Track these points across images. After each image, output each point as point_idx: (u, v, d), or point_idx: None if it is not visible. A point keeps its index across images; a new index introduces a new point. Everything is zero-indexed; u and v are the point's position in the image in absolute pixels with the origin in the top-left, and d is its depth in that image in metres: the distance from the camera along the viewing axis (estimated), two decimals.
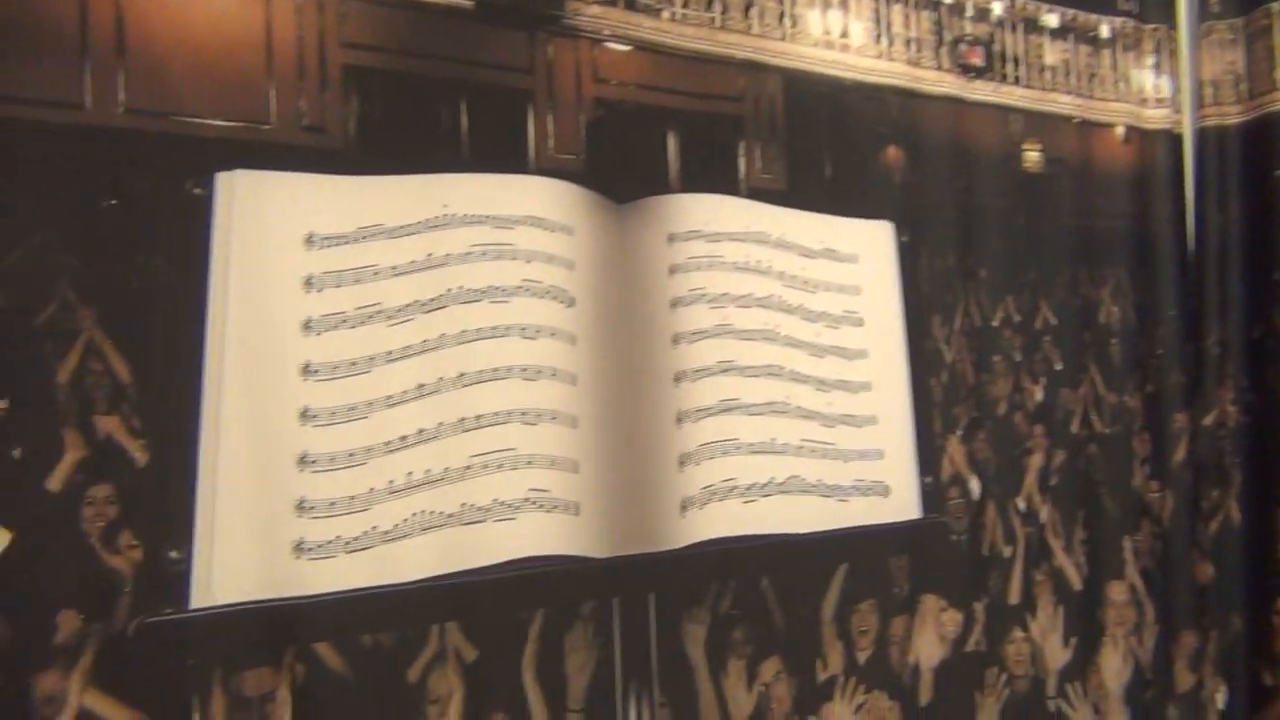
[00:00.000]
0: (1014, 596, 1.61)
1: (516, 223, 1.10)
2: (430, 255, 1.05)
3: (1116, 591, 1.79)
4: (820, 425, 1.29)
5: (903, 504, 1.36)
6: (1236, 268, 2.06)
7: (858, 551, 1.35)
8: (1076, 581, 1.72)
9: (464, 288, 1.05)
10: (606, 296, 1.16)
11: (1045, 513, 1.68)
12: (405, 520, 0.97)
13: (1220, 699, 1.98)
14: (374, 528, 0.95)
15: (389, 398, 0.99)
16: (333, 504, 0.94)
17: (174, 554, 0.89)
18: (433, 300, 1.04)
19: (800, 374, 1.28)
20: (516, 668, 1.08)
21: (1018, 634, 1.60)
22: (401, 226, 1.04)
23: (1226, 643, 2.00)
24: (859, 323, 1.37)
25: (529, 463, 1.03)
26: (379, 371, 1.00)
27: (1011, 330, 1.68)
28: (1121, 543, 1.81)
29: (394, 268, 1.03)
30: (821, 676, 1.33)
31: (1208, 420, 2.00)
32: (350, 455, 0.96)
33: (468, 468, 1.00)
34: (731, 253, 1.26)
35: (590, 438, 1.10)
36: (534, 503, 1.02)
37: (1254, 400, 2.03)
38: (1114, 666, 1.78)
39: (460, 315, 1.04)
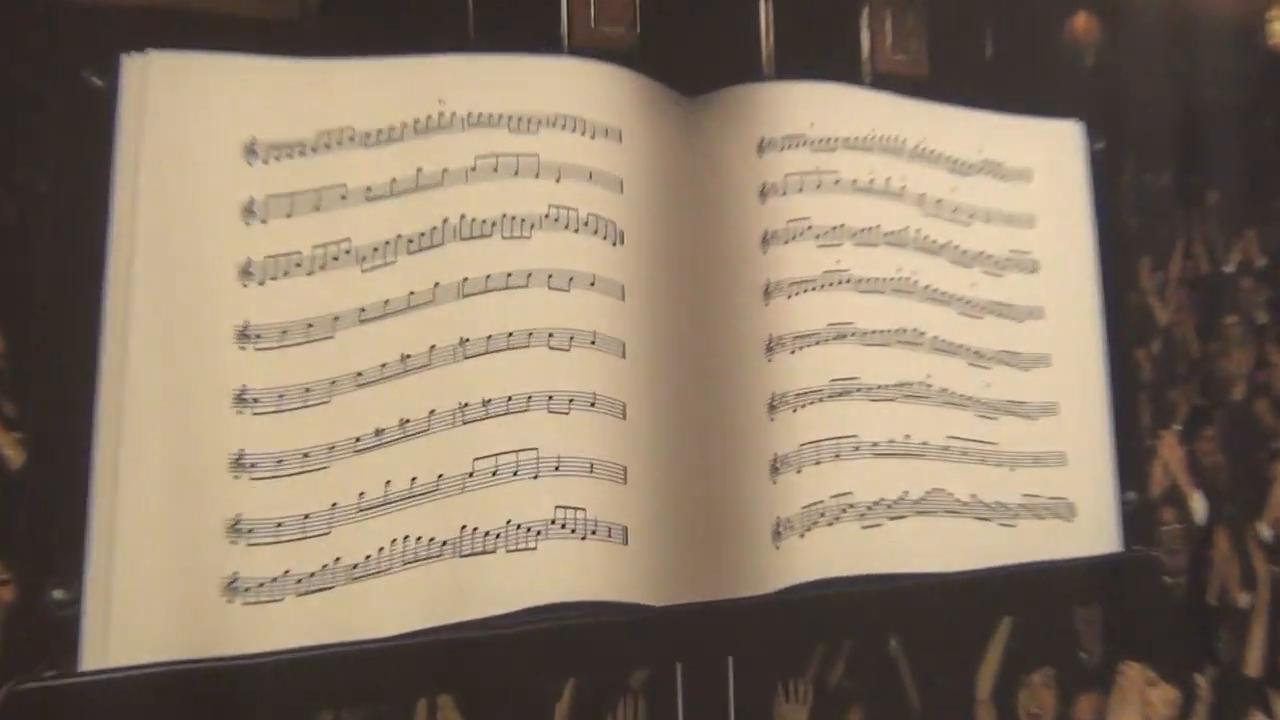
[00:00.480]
0: (1254, 666, 1.59)
1: (542, 124, 1.08)
2: (420, 172, 1.04)
3: None
4: (975, 416, 1.28)
5: (1093, 531, 1.34)
6: None
7: (1028, 599, 1.34)
8: None
9: (467, 218, 1.04)
10: (669, 230, 1.15)
11: None
12: (381, 550, 0.97)
13: None
14: (337, 560, 0.95)
15: (360, 375, 0.99)
16: (280, 525, 0.94)
17: (58, 594, 0.89)
18: (423, 236, 1.03)
19: (947, 342, 1.27)
20: None
21: (1259, 719, 1.59)
22: (379, 131, 1.03)
23: None
24: (1032, 268, 1.35)
25: (556, 469, 1.02)
26: (346, 337, 0.99)
27: (1253, 280, 1.65)
28: None
29: (368, 189, 1.02)
30: None
31: None
32: (305, 456, 0.96)
33: (470, 475, 1.00)
34: (850, 166, 1.25)
35: (644, 434, 1.09)
36: (563, 526, 1.02)
37: None
38: None
39: (461, 257, 1.04)
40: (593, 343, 1.06)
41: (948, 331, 1.27)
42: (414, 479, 0.99)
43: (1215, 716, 1.54)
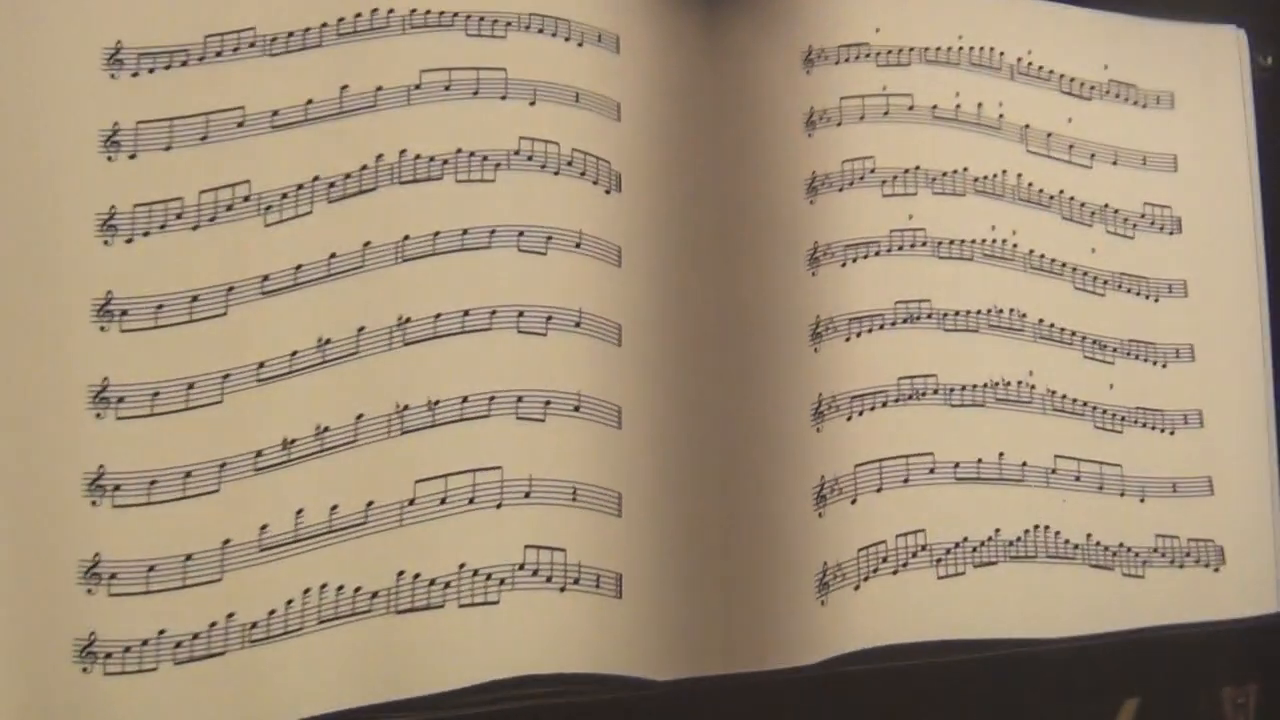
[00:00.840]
0: None
1: (510, 26, 1.08)
2: (346, 90, 1.04)
3: None
4: (1093, 428, 1.28)
5: (1250, 583, 1.35)
6: None
7: (1160, 675, 1.34)
8: None
9: (409, 154, 1.04)
10: (681, 173, 1.15)
11: None
12: (290, 603, 0.96)
13: None
14: (230, 616, 0.95)
15: (262, 366, 0.98)
16: (153, 569, 0.94)
17: None
18: (349, 179, 1.02)
19: (1056, 328, 1.27)
20: None
21: None
22: (290, 35, 1.03)
23: None
24: (1173, 227, 1.35)
25: (527, 495, 1.02)
26: (244, 315, 0.99)
27: None
28: None
29: (275, 115, 1.01)
30: None
31: None
32: (187, 476, 0.95)
33: (410, 503, 1.00)
34: (927, 88, 1.25)
35: (645, 449, 1.09)
36: (536, 572, 1.02)
37: None
38: None
39: (401, 208, 1.03)
40: (577, 325, 1.06)
41: (1058, 313, 1.27)
42: (335, 507, 0.98)
43: None
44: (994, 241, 1.24)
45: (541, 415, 1.03)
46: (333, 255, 1.00)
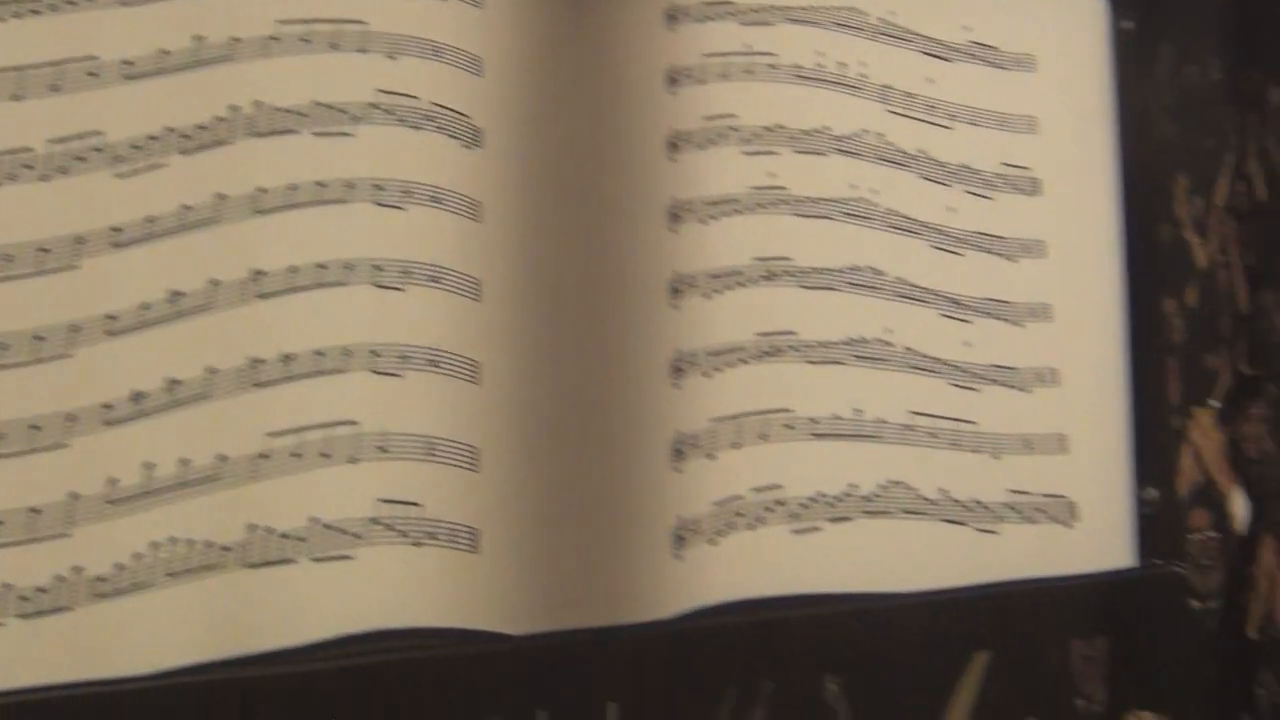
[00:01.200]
0: None
1: None
2: (201, 41, 1.03)
3: None
4: (949, 385, 1.29)
5: (1100, 539, 1.37)
6: None
7: (1012, 629, 1.36)
8: None
9: (265, 106, 1.03)
10: (543, 129, 1.15)
11: None
12: (139, 557, 0.95)
13: None
14: (78, 570, 0.94)
15: (112, 319, 0.97)
16: None
17: None
18: (203, 130, 1.01)
19: (914, 285, 1.28)
20: None
21: None
22: None
23: None
24: (1032, 188, 1.37)
25: (382, 449, 1.02)
26: (94, 266, 0.98)
27: None
28: None
29: (127, 64, 1.00)
30: None
31: None
32: (33, 430, 0.94)
33: (262, 457, 0.99)
34: (789, 47, 1.25)
35: (503, 404, 1.09)
36: (390, 526, 1.01)
37: None
38: None
39: (257, 160, 1.02)
40: (435, 279, 1.06)
41: (916, 272, 1.28)
42: (185, 461, 0.98)
43: None
44: (854, 200, 1.25)
45: (398, 370, 1.03)
46: (185, 207, 0.99)
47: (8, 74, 0.97)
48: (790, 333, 1.20)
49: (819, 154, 1.24)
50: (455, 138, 1.08)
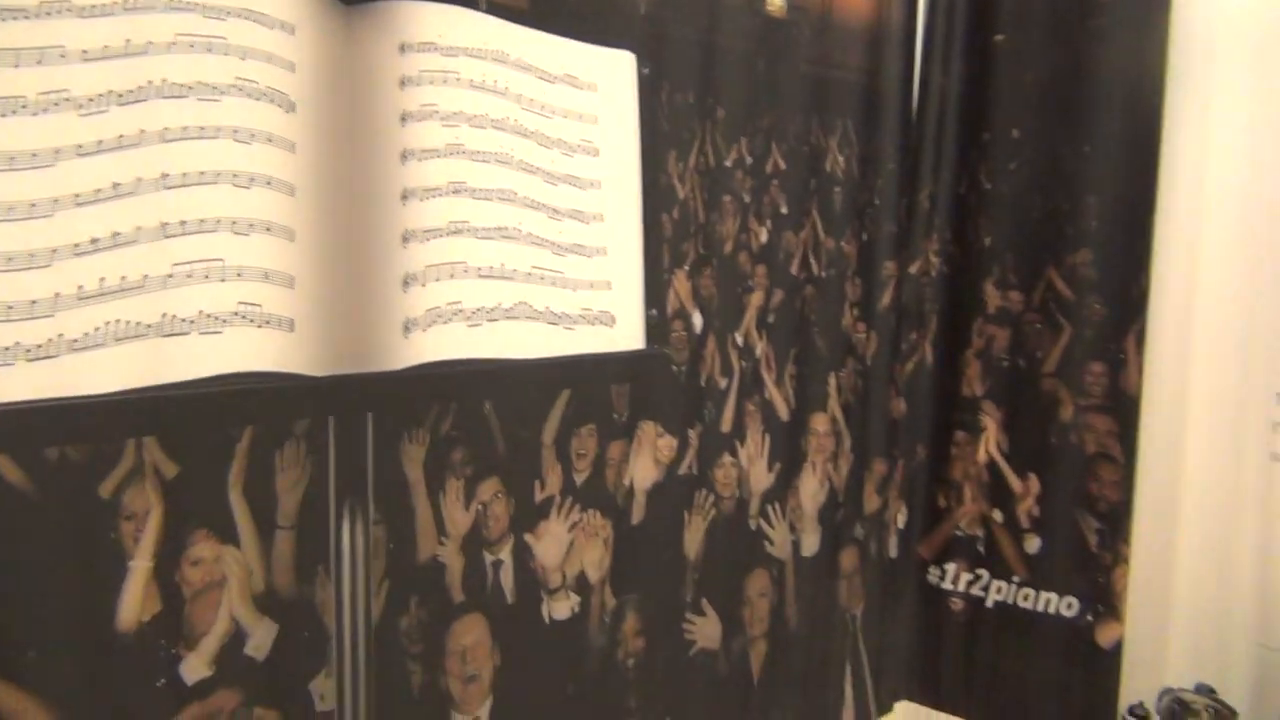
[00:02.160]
0: (727, 425, 1.74)
1: (230, 14, 1.02)
2: (129, 42, 0.96)
3: (819, 423, 1.97)
4: (551, 253, 1.31)
5: (627, 334, 1.42)
6: (953, 127, 2.24)
7: (581, 379, 1.41)
8: (784, 413, 1.88)
9: (168, 81, 0.97)
10: (330, 105, 1.11)
11: (761, 348, 1.81)
12: (97, 329, 0.91)
13: (901, 519, 2.25)
14: (60, 335, 0.89)
15: (78, 196, 0.92)
16: (10, 308, 0.87)
17: None
18: (131, 93, 0.95)
19: (533, 200, 1.29)
20: (221, 485, 1.06)
21: (727, 459, 1.74)
22: (93, 6, 0.94)
23: (911, 470, 2.26)
24: (595, 152, 1.38)
25: (239, 275, 0.99)
26: (67, 167, 0.92)
27: (743, 172, 1.76)
28: (828, 378, 1.98)
29: (85, 52, 0.93)
30: (539, 496, 1.40)
31: (913, 269, 2.19)
32: (31, 256, 0.89)
33: (170, 276, 0.95)
34: (467, 69, 1.23)
35: (308, 253, 1.06)
36: (244, 317, 0.99)
37: (954, 252, 2.25)
38: (811, 490, 1.97)
39: (164, 112, 0.97)
40: (269, 184, 1.02)
41: (534, 193, 1.29)
42: (124, 277, 0.93)
43: (700, 457, 1.68)
44: (501, 153, 1.24)
45: (247, 232, 1.00)
46: (121, 136, 0.94)
47: (8, 53, 0.89)
48: (466, 221, 1.20)
49: (483, 128, 1.23)
50: (280, 106, 1.04)
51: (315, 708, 1.16)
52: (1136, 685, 2.00)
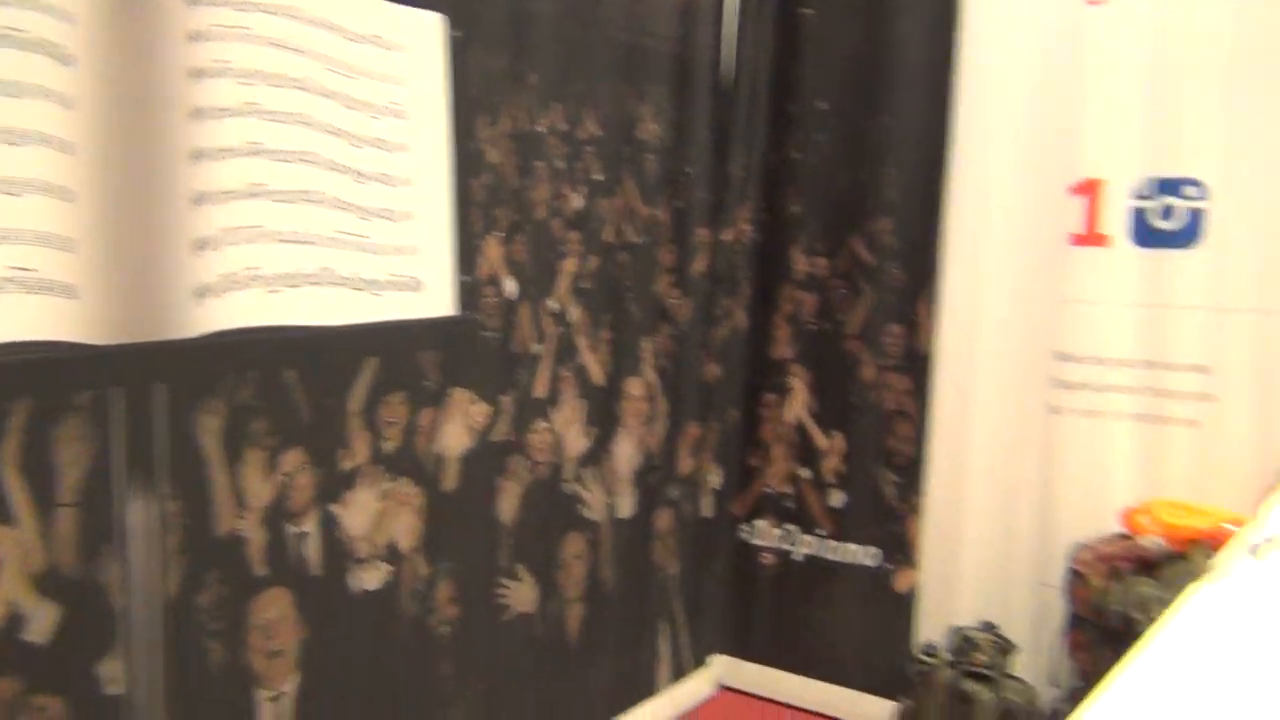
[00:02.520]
0: (540, 391, 1.75)
1: None
2: None
3: (634, 387, 2.01)
4: (356, 218, 1.29)
5: (437, 300, 1.41)
6: (764, 98, 2.30)
7: (389, 346, 1.40)
8: (599, 378, 1.91)
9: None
10: (113, 60, 1.06)
11: (575, 314, 1.83)
12: None
13: (714, 479, 2.33)
14: None
15: None
16: None
17: None
18: None
19: (337, 163, 1.27)
20: None
21: (541, 425, 1.76)
22: None
23: (724, 432, 2.34)
24: (402, 115, 1.37)
25: (9, 238, 0.94)
26: None
27: (556, 138, 1.76)
28: (642, 343, 2.02)
29: None
30: (346, 466, 1.38)
31: (726, 236, 2.26)
32: None
33: None
34: (264, 26, 1.19)
35: (91, 215, 1.02)
36: (17, 283, 0.94)
37: (766, 220, 2.32)
38: (626, 453, 2.02)
39: None
40: (44, 141, 0.97)
41: (338, 156, 1.27)
42: None
43: (513, 423, 1.69)
44: (302, 114, 1.22)
45: (19, 193, 0.95)
46: None
47: None
48: (264, 184, 1.17)
49: (282, 88, 1.20)
50: (56, 59, 0.99)
51: (103, 692, 1.12)
52: (930, 626, 2.15)
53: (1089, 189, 1.93)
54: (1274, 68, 1.77)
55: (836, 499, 2.30)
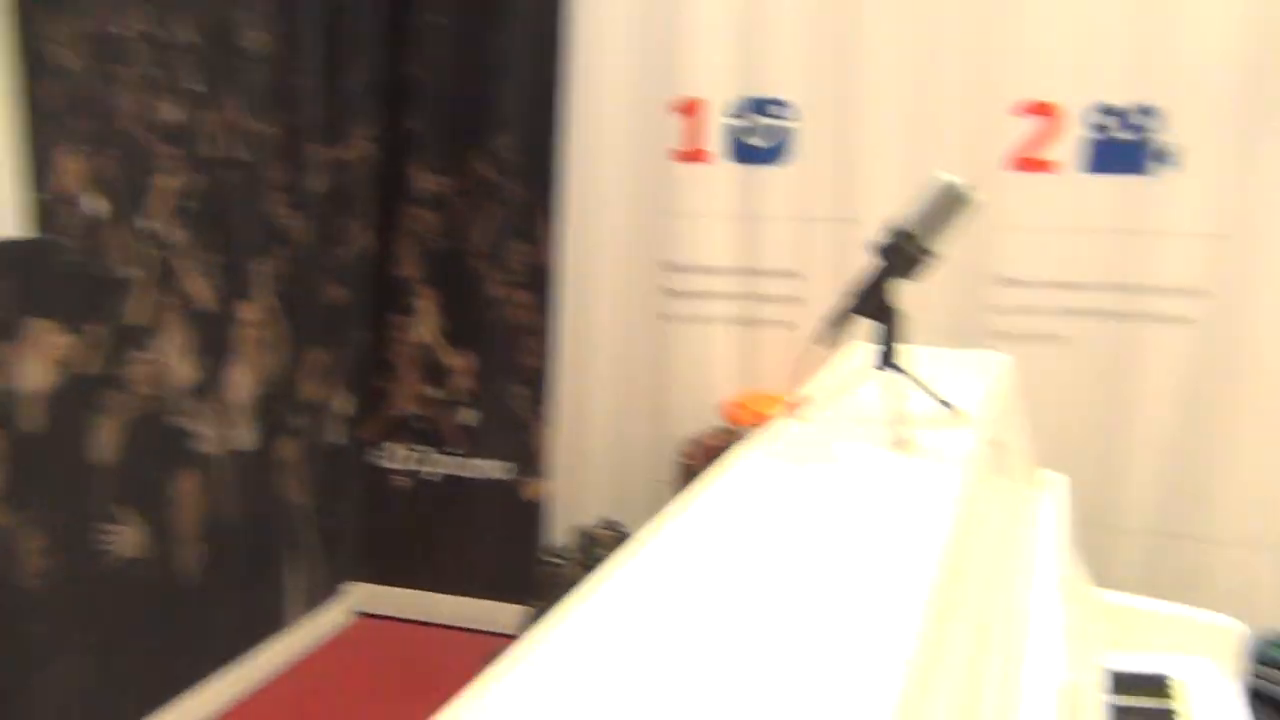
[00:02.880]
0: (138, 318, 1.62)
1: None
2: None
3: (249, 312, 1.92)
4: None
5: (2, 222, 1.27)
6: (382, 12, 2.23)
7: None
8: (209, 303, 1.80)
9: None
10: None
11: (177, 235, 1.70)
12: None
13: (344, 404, 2.29)
14: None
15: None
16: None
17: None
18: None
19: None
20: None
21: (142, 355, 1.63)
22: None
23: (352, 356, 2.29)
24: None
25: None
26: None
27: (147, 44, 1.61)
28: (254, 266, 1.92)
29: None
30: None
31: (345, 154, 2.18)
32: None
33: None
34: None
35: None
36: None
37: (387, 138, 2.27)
38: (243, 382, 1.93)
39: None
40: None
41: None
42: None
43: (107, 355, 1.55)
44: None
45: None
46: None
47: None
48: None
49: None
50: None
51: None
52: (561, 532, 2.25)
53: (691, 108, 2.05)
54: None
55: (468, 416, 2.33)
